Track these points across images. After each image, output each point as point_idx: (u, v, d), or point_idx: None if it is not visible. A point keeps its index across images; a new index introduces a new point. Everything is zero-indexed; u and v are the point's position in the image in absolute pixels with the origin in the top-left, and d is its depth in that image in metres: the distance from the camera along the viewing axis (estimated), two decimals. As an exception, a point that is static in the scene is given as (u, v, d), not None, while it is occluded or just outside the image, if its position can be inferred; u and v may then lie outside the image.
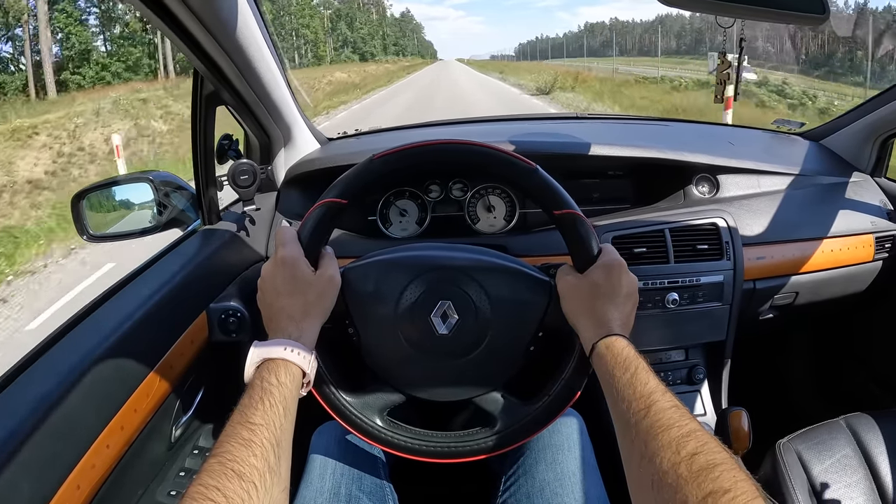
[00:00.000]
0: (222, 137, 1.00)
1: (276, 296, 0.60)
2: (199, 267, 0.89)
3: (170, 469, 0.82)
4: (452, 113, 11.89)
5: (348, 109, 15.90)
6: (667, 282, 1.00)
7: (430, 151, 0.65)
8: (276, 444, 0.48)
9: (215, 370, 0.90)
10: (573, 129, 1.29)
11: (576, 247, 0.64)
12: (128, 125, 10.71)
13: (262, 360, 0.55)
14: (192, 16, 0.72)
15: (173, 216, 0.98)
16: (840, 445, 0.90)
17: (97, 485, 0.61)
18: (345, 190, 0.64)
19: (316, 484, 0.72)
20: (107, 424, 0.63)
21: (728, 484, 0.39)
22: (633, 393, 0.50)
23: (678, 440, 0.44)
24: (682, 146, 1.15)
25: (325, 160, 1.13)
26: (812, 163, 1.22)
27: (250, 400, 0.50)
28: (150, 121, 11.01)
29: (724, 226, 1.04)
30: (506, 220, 1.14)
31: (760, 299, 1.10)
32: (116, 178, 1.00)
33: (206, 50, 0.80)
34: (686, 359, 1.11)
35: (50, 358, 0.65)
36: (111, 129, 9.95)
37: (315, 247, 0.63)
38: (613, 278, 0.61)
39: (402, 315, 0.65)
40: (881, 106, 1.16)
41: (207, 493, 0.41)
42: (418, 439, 0.67)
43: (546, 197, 0.64)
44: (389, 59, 74.03)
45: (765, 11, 0.72)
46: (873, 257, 1.13)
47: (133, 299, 0.77)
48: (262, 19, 0.88)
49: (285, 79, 1.02)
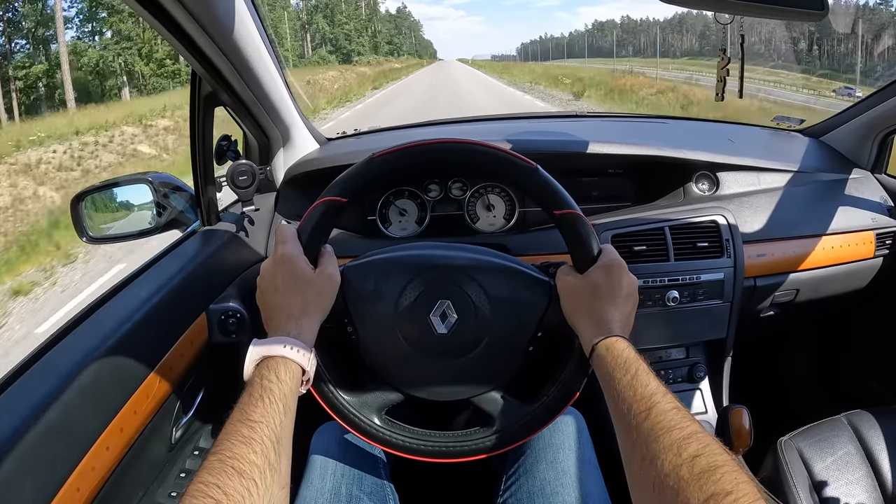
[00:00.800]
0: (221, 138, 1.00)
1: (275, 294, 0.60)
2: (199, 268, 0.89)
3: (170, 470, 0.82)
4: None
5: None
6: (667, 280, 1.00)
7: (430, 151, 0.65)
8: (276, 442, 0.48)
9: (215, 371, 0.90)
10: (572, 128, 1.29)
11: (576, 247, 0.63)
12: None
13: (262, 358, 0.55)
14: (188, 17, 0.72)
15: (172, 217, 0.98)
16: (842, 443, 0.90)
17: (97, 487, 0.61)
18: (345, 188, 0.64)
19: (316, 484, 0.72)
20: (107, 426, 0.63)
21: (730, 486, 0.39)
22: (634, 395, 0.50)
23: (679, 442, 0.44)
24: (682, 144, 1.15)
25: (323, 160, 1.13)
26: (812, 159, 1.22)
27: (250, 397, 0.50)
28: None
29: (725, 223, 1.04)
30: (505, 218, 1.14)
31: (761, 297, 1.09)
32: (115, 180, 1.00)
33: (203, 51, 0.80)
34: (687, 357, 1.11)
35: (50, 359, 0.65)
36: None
37: (315, 245, 0.63)
38: (614, 279, 0.60)
39: (402, 314, 0.65)
40: (881, 102, 1.15)
41: (208, 490, 0.41)
42: (417, 439, 0.67)
43: (546, 197, 0.64)
44: (372, 59, 65.55)
45: (763, 8, 0.72)
46: (874, 254, 1.13)
47: (132, 300, 0.77)
48: (260, 19, 0.88)
49: (283, 79, 1.02)
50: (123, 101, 22.09)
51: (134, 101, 21.12)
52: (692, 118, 1.62)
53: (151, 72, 26.22)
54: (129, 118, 13.18)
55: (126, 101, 21.83)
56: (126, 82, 26.09)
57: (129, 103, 19.73)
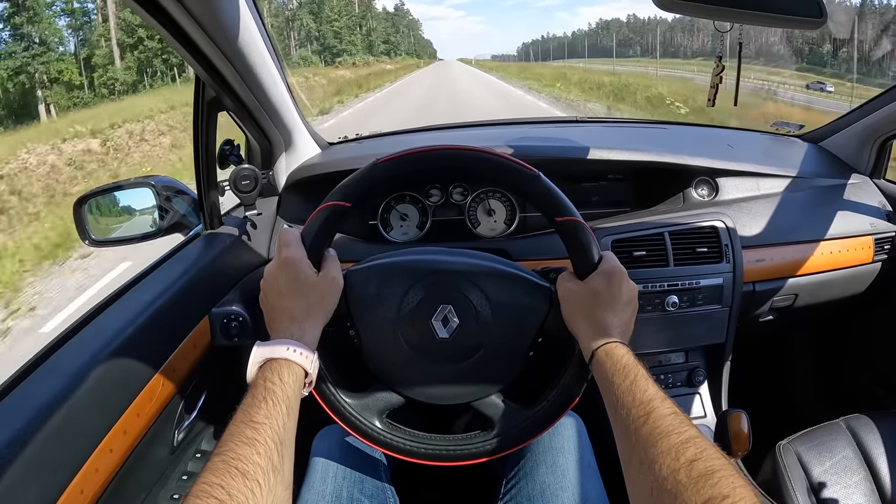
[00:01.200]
0: (224, 143, 1.00)
1: (278, 297, 0.60)
2: (201, 271, 0.90)
3: (172, 473, 0.82)
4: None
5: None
6: (666, 285, 1.01)
7: (433, 157, 0.65)
8: (280, 443, 0.48)
9: (218, 374, 0.90)
10: (573, 133, 1.30)
11: (577, 254, 0.64)
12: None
13: (265, 360, 0.55)
14: (193, 22, 0.72)
15: (175, 221, 0.99)
16: (840, 447, 0.90)
17: (101, 489, 0.62)
18: (348, 193, 0.64)
19: (317, 487, 0.72)
20: (110, 429, 0.64)
21: (727, 490, 0.39)
22: (633, 400, 0.50)
23: (677, 447, 0.44)
24: (682, 149, 1.16)
25: (325, 165, 1.14)
26: (811, 165, 1.22)
27: (253, 399, 0.51)
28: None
29: (724, 228, 1.04)
30: (506, 224, 1.15)
31: (760, 301, 1.10)
32: (118, 183, 1.00)
33: (207, 56, 0.81)
34: (686, 361, 1.11)
35: (53, 363, 0.66)
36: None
37: (318, 249, 0.64)
38: (614, 286, 0.61)
39: (404, 318, 0.66)
40: (880, 108, 1.16)
41: (211, 490, 0.41)
42: (418, 442, 0.67)
43: (548, 203, 0.64)
44: (360, 59, 57.62)
45: (762, 16, 0.73)
46: (872, 259, 1.14)
47: (135, 304, 0.78)
48: (263, 25, 0.88)
49: (286, 84, 1.02)
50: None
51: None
52: (692, 124, 1.62)
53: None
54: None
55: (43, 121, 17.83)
56: (41, 98, 22.51)
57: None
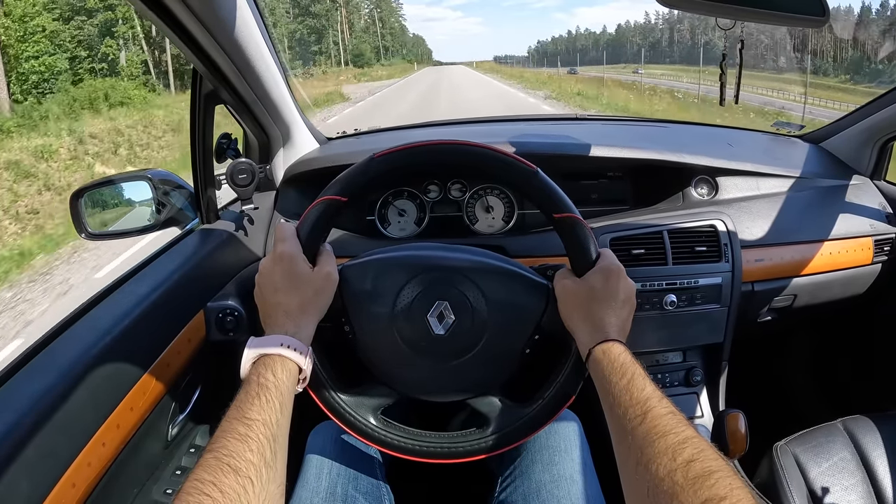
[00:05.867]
0: (221, 136, 1.00)
1: (273, 291, 0.60)
2: (197, 266, 0.89)
3: (166, 467, 0.82)
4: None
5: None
6: (665, 283, 1.00)
7: (431, 152, 0.65)
8: (273, 440, 0.48)
9: (212, 369, 0.90)
10: (572, 131, 1.29)
11: (574, 251, 0.64)
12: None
13: (259, 356, 0.55)
14: (191, 15, 0.72)
15: (171, 215, 0.98)
16: (837, 448, 0.90)
17: (93, 483, 0.61)
18: (345, 188, 0.64)
19: (312, 484, 0.72)
20: (103, 422, 0.63)
21: (724, 491, 0.39)
22: (630, 399, 0.50)
23: (674, 447, 0.44)
24: (682, 148, 1.15)
25: (323, 160, 1.13)
26: (811, 165, 1.22)
27: (246, 395, 0.50)
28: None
29: (723, 228, 1.04)
30: (504, 220, 1.14)
31: (759, 302, 1.10)
32: (115, 177, 1.00)
33: (204, 49, 0.80)
34: (683, 361, 1.11)
35: (46, 355, 0.65)
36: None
37: (314, 244, 0.63)
38: (611, 283, 0.61)
39: (399, 314, 0.65)
40: (881, 109, 1.16)
41: (203, 487, 0.41)
42: (412, 439, 0.67)
43: (546, 200, 0.64)
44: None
45: (765, 14, 0.72)
46: (872, 260, 1.13)
47: (130, 297, 0.77)
48: (262, 18, 0.88)
49: (284, 78, 1.02)
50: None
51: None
52: (692, 122, 1.62)
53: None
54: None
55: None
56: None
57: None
